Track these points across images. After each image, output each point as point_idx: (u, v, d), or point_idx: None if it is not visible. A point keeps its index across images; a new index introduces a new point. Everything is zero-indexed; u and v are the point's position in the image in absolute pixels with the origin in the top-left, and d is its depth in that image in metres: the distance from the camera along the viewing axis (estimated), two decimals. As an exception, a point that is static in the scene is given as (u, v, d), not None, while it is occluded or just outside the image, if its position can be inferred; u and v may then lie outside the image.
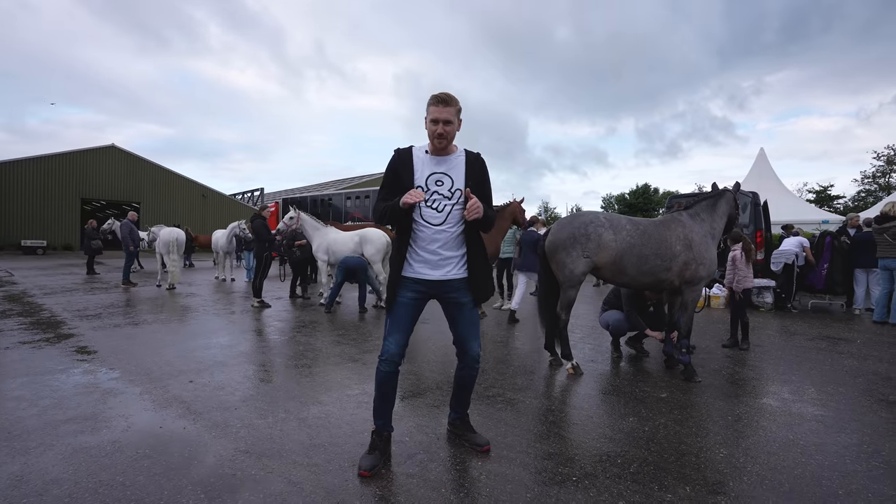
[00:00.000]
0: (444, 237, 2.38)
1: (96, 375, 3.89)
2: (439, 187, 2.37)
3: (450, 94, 2.32)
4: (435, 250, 2.38)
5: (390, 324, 2.42)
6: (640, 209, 51.62)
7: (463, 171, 2.40)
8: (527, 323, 6.73)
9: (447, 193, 2.37)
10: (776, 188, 18.88)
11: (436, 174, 2.37)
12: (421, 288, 2.40)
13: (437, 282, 2.40)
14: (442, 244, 2.38)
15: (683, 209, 4.23)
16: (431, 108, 2.30)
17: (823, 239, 8.13)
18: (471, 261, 2.44)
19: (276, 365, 4.32)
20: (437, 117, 2.29)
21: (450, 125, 2.30)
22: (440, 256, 2.38)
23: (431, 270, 2.39)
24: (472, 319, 2.50)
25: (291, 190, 51.53)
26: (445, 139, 2.32)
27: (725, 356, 4.88)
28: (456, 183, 2.38)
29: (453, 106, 2.31)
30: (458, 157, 2.42)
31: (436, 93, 2.33)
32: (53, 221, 28.93)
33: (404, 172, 2.37)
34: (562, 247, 4.07)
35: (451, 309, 2.48)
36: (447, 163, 2.39)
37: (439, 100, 2.30)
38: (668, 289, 4.19)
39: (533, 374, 4.16)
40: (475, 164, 2.45)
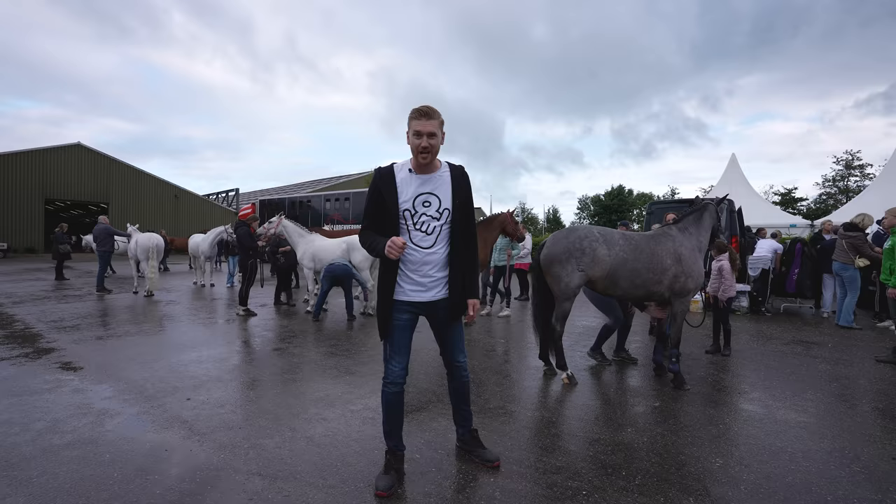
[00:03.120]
0: (435, 259, 2.39)
1: (87, 395, 3.79)
2: (427, 208, 2.34)
3: (432, 107, 2.26)
4: (427, 273, 2.39)
5: (390, 348, 2.43)
6: (615, 210, 52.74)
7: (450, 189, 2.36)
8: (519, 331, 6.85)
9: (435, 214, 2.35)
10: (747, 193, 19.63)
11: (422, 195, 2.33)
12: (413, 309, 2.43)
13: (429, 303, 2.43)
14: (433, 266, 2.39)
15: (672, 223, 4.40)
16: (414, 122, 2.24)
17: (794, 246, 8.54)
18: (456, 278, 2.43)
19: (273, 379, 4.29)
20: (421, 130, 2.22)
21: (434, 138, 2.24)
22: (432, 279, 2.41)
23: (424, 293, 2.41)
24: (459, 333, 2.59)
25: (267, 190, 50.61)
26: (430, 153, 2.26)
27: (709, 362, 5.10)
28: (443, 202, 2.36)
29: (436, 118, 2.25)
30: (443, 173, 2.38)
31: (417, 106, 2.26)
32: (15, 223, 27.67)
33: (388, 195, 2.32)
34: (557, 260, 4.18)
35: (439, 325, 2.54)
36: (433, 181, 2.35)
37: (422, 113, 2.24)
38: (658, 300, 4.36)
39: (530, 384, 4.26)
40: (461, 179, 2.41)
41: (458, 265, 2.42)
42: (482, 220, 7.17)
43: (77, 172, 29.86)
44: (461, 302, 2.45)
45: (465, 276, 2.45)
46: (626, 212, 54.22)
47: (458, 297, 2.43)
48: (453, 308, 2.44)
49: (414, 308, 2.43)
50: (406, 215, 2.35)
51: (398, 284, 2.40)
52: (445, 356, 2.61)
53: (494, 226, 7.14)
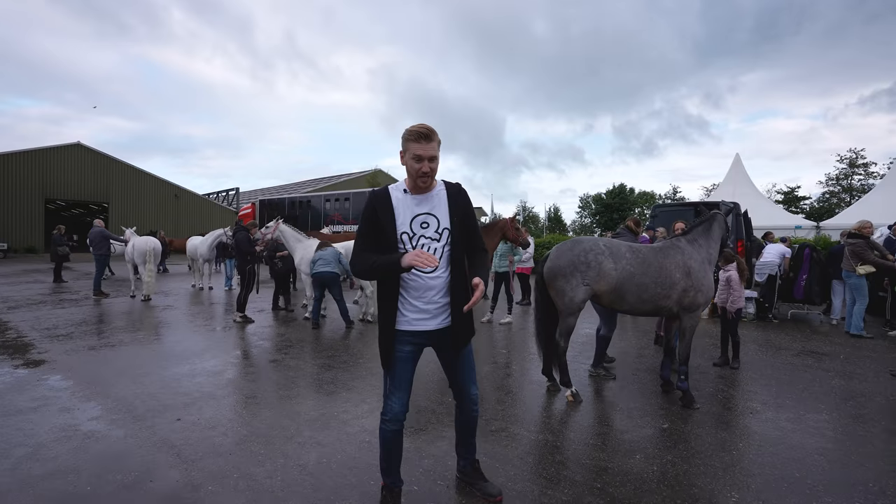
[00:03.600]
0: (439, 283, 2.22)
1: (74, 414, 3.65)
2: (425, 230, 2.19)
3: (430, 128, 2.12)
4: (431, 299, 2.21)
5: (391, 382, 2.26)
6: (617, 209, 52.48)
7: (447, 208, 2.22)
8: (521, 339, 6.70)
9: (434, 235, 2.19)
10: (751, 194, 19.43)
11: (420, 216, 2.19)
12: (417, 340, 2.26)
13: (435, 332, 2.26)
14: (437, 291, 2.22)
15: (682, 234, 4.24)
16: (413, 145, 2.09)
17: (803, 251, 8.36)
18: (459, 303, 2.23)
19: (267, 396, 4.15)
20: (422, 154, 2.09)
21: (435, 162, 2.12)
22: (437, 305, 2.23)
23: (429, 320, 2.24)
24: (469, 362, 2.42)
25: (267, 189, 50.50)
26: (430, 177, 2.14)
27: (718, 376, 4.94)
28: (442, 222, 2.21)
29: (436, 140, 2.12)
30: (438, 192, 2.24)
31: (413, 127, 2.11)
32: (15, 223, 27.57)
33: (385, 218, 2.16)
34: (561, 274, 4.02)
35: (446, 355, 2.37)
36: (429, 201, 2.21)
37: (421, 135, 2.09)
38: (666, 315, 4.20)
39: (532, 402, 4.11)
40: (458, 197, 2.25)
41: (461, 290, 2.25)
42: (483, 225, 7.03)
43: (77, 172, 29.74)
44: (466, 329, 2.29)
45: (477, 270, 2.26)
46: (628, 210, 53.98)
47: (462, 325, 2.27)
48: (456, 335, 2.27)
49: (418, 338, 2.26)
50: (404, 238, 2.19)
51: (400, 313, 2.22)
52: (455, 388, 2.43)
53: (495, 232, 6.99)
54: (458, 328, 2.25)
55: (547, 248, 18.33)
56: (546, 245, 18.44)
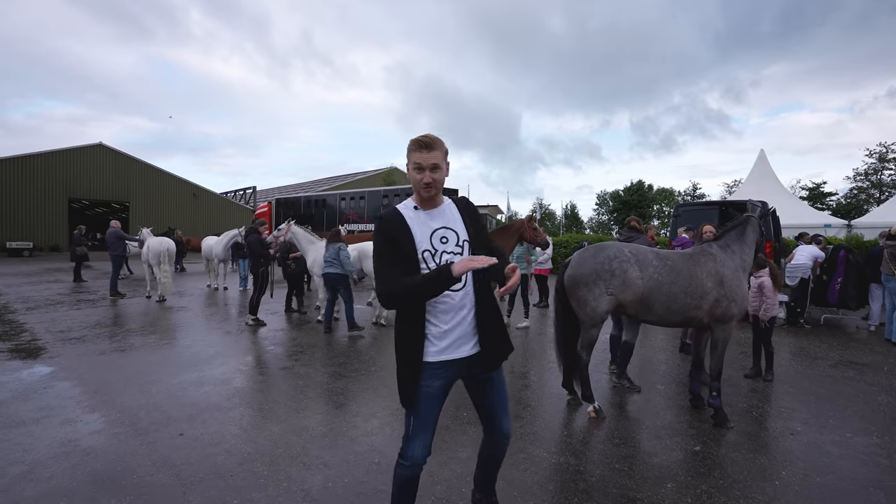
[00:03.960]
0: (469, 300, 1.99)
1: (76, 427, 3.55)
2: (446, 245, 2.00)
3: (433, 136, 1.96)
4: (463, 319, 1.97)
5: (415, 423, 1.99)
6: (635, 206, 51.53)
7: (461, 220, 2.07)
8: (539, 345, 6.45)
9: (456, 249, 2.01)
10: (777, 191, 18.73)
11: (438, 231, 2.01)
12: (450, 372, 1.99)
13: (469, 358, 2.00)
14: (469, 310, 1.98)
15: (713, 240, 3.94)
16: (414, 155, 1.94)
17: (837, 252, 7.91)
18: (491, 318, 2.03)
19: (274, 408, 3.99)
20: (422, 163, 1.93)
21: (438, 171, 1.95)
22: (470, 325, 1.98)
23: (463, 346, 1.98)
24: (502, 389, 2.16)
25: (284, 188, 50.93)
26: (434, 187, 1.96)
27: (750, 390, 4.63)
28: (461, 235, 2.03)
29: (439, 149, 1.95)
30: (449, 206, 2.09)
31: (416, 136, 1.96)
32: (40, 222, 28.27)
33: (403, 239, 1.95)
34: (583, 283, 3.77)
35: (478, 383, 2.12)
36: (443, 215, 2.05)
37: (421, 144, 1.94)
38: (696, 326, 3.92)
39: (552, 418, 3.87)
40: (468, 209, 2.12)
41: (490, 304, 2.03)
42: (498, 228, 6.78)
43: (99, 172, 30.34)
44: (500, 344, 2.04)
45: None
46: (647, 207, 52.94)
47: (495, 340, 2.02)
48: (489, 352, 2.00)
49: (450, 370, 1.99)
50: (426, 257, 1.97)
51: (429, 342, 1.96)
52: (486, 420, 2.16)
53: (511, 234, 6.74)
54: (491, 344, 2.01)
55: (564, 247, 17.94)
56: (564, 244, 18.06)
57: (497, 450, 2.23)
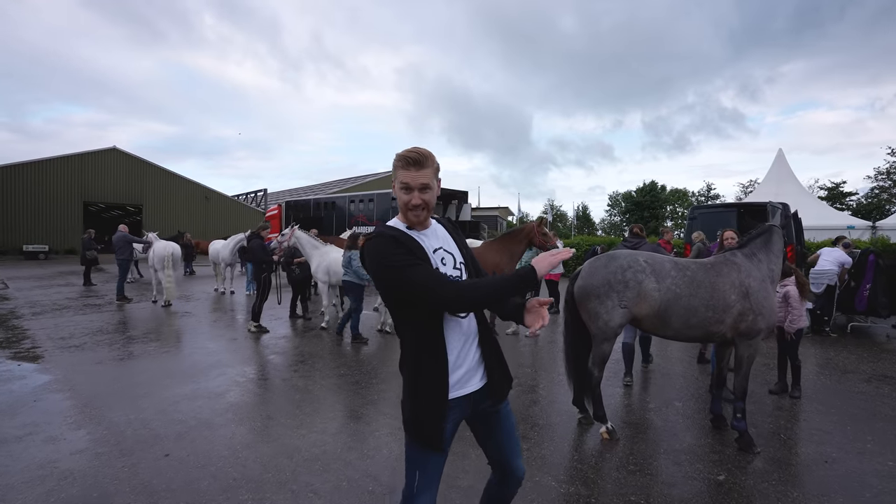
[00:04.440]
0: (474, 328, 1.78)
1: (59, 446, 3.38)
2: (446, 266, 1.78)
3: (422, 152, 1.71)
4: (471, 347, 1.76)
5: (421, 477, 1.71)
6: (648, 207, 50.70)
7: (453, 241, 1.87)
8: (549, 355, 6.17)
9: (454, 272, 1.79)
10: (796, 191, 18.17)
11: (437, 251, 1.78)
12: (461, 409, 1.75)
13: (476, 392, 1.76)
14: (474, 337, 1.78)
15: (737, 248, 3.63)
16: (401, 173, 1.70)
17: (866, 257, 7.50)
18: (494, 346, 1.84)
19: (267, 426, 3.79)
20: (411, 183, 1.68)
21: (428, 191, 1.70)
22: (478, 355, 1.77)
23: (472, 379, 1.75)
24: (511, 426, 1.88)
25: (295, 190, 51.15)
26: (425, 209, 1.72)
27: (776, 407, 4.31)
28: (457, 257, 1.83)
29: (429, 166, 1.70)
30: (435, 226, 1.86)
31: (403, 151, 1.71)
32: (56, 225, 28.65)
33: (419, 253, 1.70)
34: (594, 294, 3.50)
35: (485, 419, 1.84)
36: (436, 235, 1.83)
37: (409, 161, 1.68)
38: (718, 341, 3.62)
39: (562, 439, 3.61)
40: (456, 231, 1.93)
41: (487, 330, 1.82)
42: (507, 232, 6.53)
43: (113, 175, 30.69)
44: (506, 374, 1.85)
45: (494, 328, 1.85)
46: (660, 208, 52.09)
47: (502, 369, 1.83)
48: (496, 383, 1.78)
49: (462, 407, 1.75)
50: None
51: (447, 375, 1.69)
52: (496, 462, 1.90)
53: (520, 238, 6.47)
54: (498, 373, 1.80)
55: (576, 249, 17.59)
56: (575, 246, 17.71)
57: (507, 494, 1.96)
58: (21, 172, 27.88)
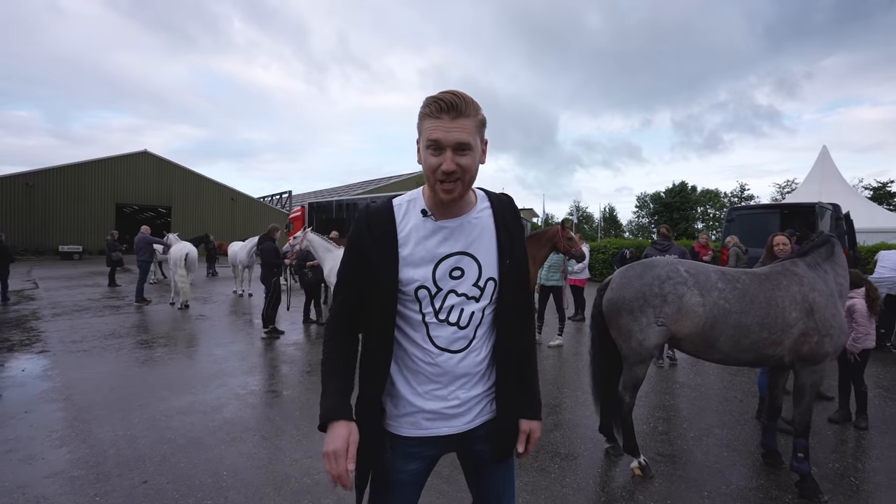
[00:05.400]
0: (471, 367, 1.31)
1: (34, 467, 3.12)
2: (458, 282, 1.28)
3: (462, 95, 1.19)
4: (457, 392, 1.31)
5: None
6: (677, 209, 49.06)
7: (494, 240, 1.31)
8: (573, 370, 5.69)
9: (472, 291, 1.29)
10: (842, 191, 16.99)
11: (449, 258, 1.27)
12: (431, 450, 1.37)
13: (462, 434, 1.36)
14: (468, 380, 1.32)
15: (798, 256, 3.09)
16: (429, 124, 1.19)
17: (933, 264, 6.69)
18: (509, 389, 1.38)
19: (259, 449, 3.46)
20: (442, 139, 1.17)
21: (467, 154, 1.18)
22: (465, 398, 1.33)
23: (452, 421, 1.33)
24: (510, 478, 1.48)
25: (320, 192, 51.65)
26: (460, 182, 1.20)
27: (840, 440, 3.72)
28: (485, 268, 1.29)
29: (472, 116, 1.19)
30: (479, 212, 1.32)
31: (437, 93, 1.20)
32: (90, 226, 29.57)
33: (382, 257, 1.25)
34: (627, 309, 3.03)
35: (476, 465, 1.45)
36: (464, 231, 1.29)
37: (444, 106, 1.16)
38: (774, 365, 3.09)
39: (586, 474, 3.14)
40: (511, 218, 1.35)
41: (512, 368, 1.37)
42: (530, 235, 6.08)
43: (144, 178, 31.53)
44: (513, 428, 1.40)
45: (524, 382, 1.43)
46: (690, 210, 50.30)
47: (511, 422, 1.40)
48: (502, 438, 1.38)
49: (431, 448, 1.36)
50: (421, 297, 1.27)
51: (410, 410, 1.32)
52: (477, 500, 1.52)
53: (543, 242, 6.01)
54: (505, 426, 1.38)
55: (602, 252, 16.85)
56: (601, 250, 16.98)
57: None
58: (58, 176, 28.91)
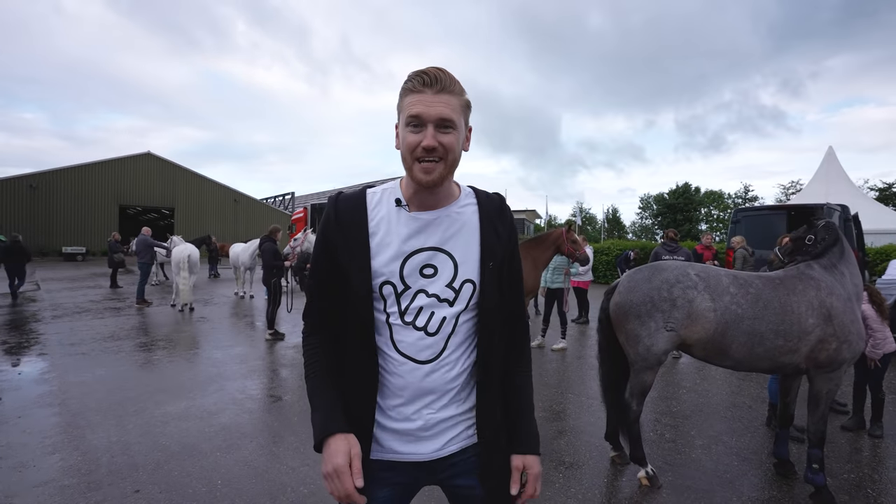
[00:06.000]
0: (441, 381, 1.15)
1: (25, 475, 3.04)
2: (429, 281, 1.14)
3: (447, 72, 1.09)
4: (424, 411, 1.15)
5: None
6: (681, 210, 48.86)
7: (476, 238, 1.18)
8: (577, 373, 5.58)
9: (445, 292, 1.15)
10: (849, 192, 16.80)
11: (420, 253, 1.14)
12: (398, 478, 1.19)
13: (435, 462, 1.19)
14: (438, 397, 1.16)
15: (813, 258, 2.98)
16: (410, 99, 1.08)
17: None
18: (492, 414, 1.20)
19: (255, 456, 3.37)
20: (423, 114, 1.06)
21: (450, 132, 1.08)
22: (424, 422, 1.16)
23: (420, 444, 1.17)
24: None
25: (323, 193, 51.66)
26: (443, 163, 1.09)
27: (854, 449, 3.61)
28: (462, 268, 1.15)
29: (456, 94, 1.09)
30: (461, 207, 1.20)
31: (419, 69, 1.10)
32: (93, 228, 29.67)
33: (348, 250, 1.15)
34: (634, 314, 2.93)
35: (459, 501, 1.25)
36: (441, 225, 1.16)
37: (427, 80, 1.06)
38: (790, 373, 2.98)
39: (592, 484, 3.04)
40: (499, 220, 1.21)
41: (492, 392, 1.20)
42: (532, 238, 5.98)
43: (147, 179, 31.61)
44: (502, 462, 1.19)
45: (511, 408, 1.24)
46: (694, 211, 50.10)
47: (496, 455, 1.19)
48: (487, 476, 1.19)
49: (402, 475, 1.20)
50: (386, 294, 1.15)
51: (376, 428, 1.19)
52: None
53: (547, 245, 5.90)
54: (489, 463, 1.19)
55: (605, 254, 16.74)
56: (605, 251, 16.86)
57: None
58: (61, 177, 29.01)
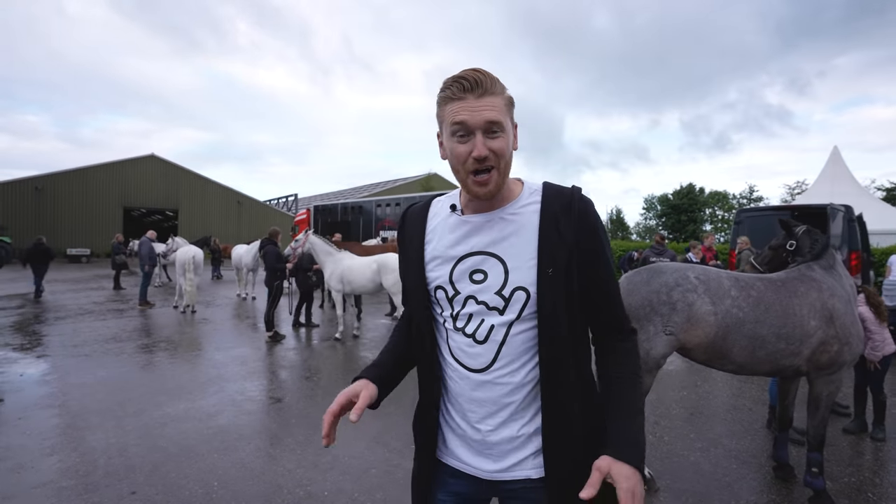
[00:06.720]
0: (495, 393, 1.06)
1: (22, 477, 3.05)
2: (479, 287, 1.06)
3: (486, 72, 1.01)
4: (481, 420, 1.08)
5: None
6: (685, 210, 48.64)
7: (533, 240, 1.04)
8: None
9: (495, 301, 1.04)
10: (854, 192, 16.66)
11: (470, 258, 1.08)
12: (458, 487, 1.14)
13: (496, 484, 1.10)
14: (493, 410, 1.07)
15: (812, 259, 2.95)
16: (452, 108, 1.00)
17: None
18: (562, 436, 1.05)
19: (253, 458, 3.37)
20: (469, 120, 0.98)
21: (499, 136, 1.00)
22: (485, 436, 1.08)
23: (476, 459, 1.11)
24: None
25: (326, 195, 51.79)
26: (496, 171, 1.01)
27: (855, 453, 3.56)
28: (513, 274, 1.04)
29: (499, 94, 1.01)
30: (520, 207, 1.09)
31: (457, 73, 1.02)
32: (97, 230, 29.82)
33: (409, 259, 1.18)
34: (632, 317, 2.90)
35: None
36: (493, 227, 1.08)
37: (467, 85, 0.98)
38: (790, 375, 2.95)
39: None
40: (564, 215, 1.05)
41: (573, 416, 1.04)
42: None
43: (151, 181, 31.77)
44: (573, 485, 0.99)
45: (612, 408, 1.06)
46: (698, 212, 49.86)
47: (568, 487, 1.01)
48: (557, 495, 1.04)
49: (463, 485, 1.14)
50: (440, 298, 1.11)
51: (442, 429, 1.16)
52: None
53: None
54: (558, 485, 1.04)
55: (608, 255, 16.66)
56: (607, 252, 16.79)
57: None
58: (66, 179, 29.19)
